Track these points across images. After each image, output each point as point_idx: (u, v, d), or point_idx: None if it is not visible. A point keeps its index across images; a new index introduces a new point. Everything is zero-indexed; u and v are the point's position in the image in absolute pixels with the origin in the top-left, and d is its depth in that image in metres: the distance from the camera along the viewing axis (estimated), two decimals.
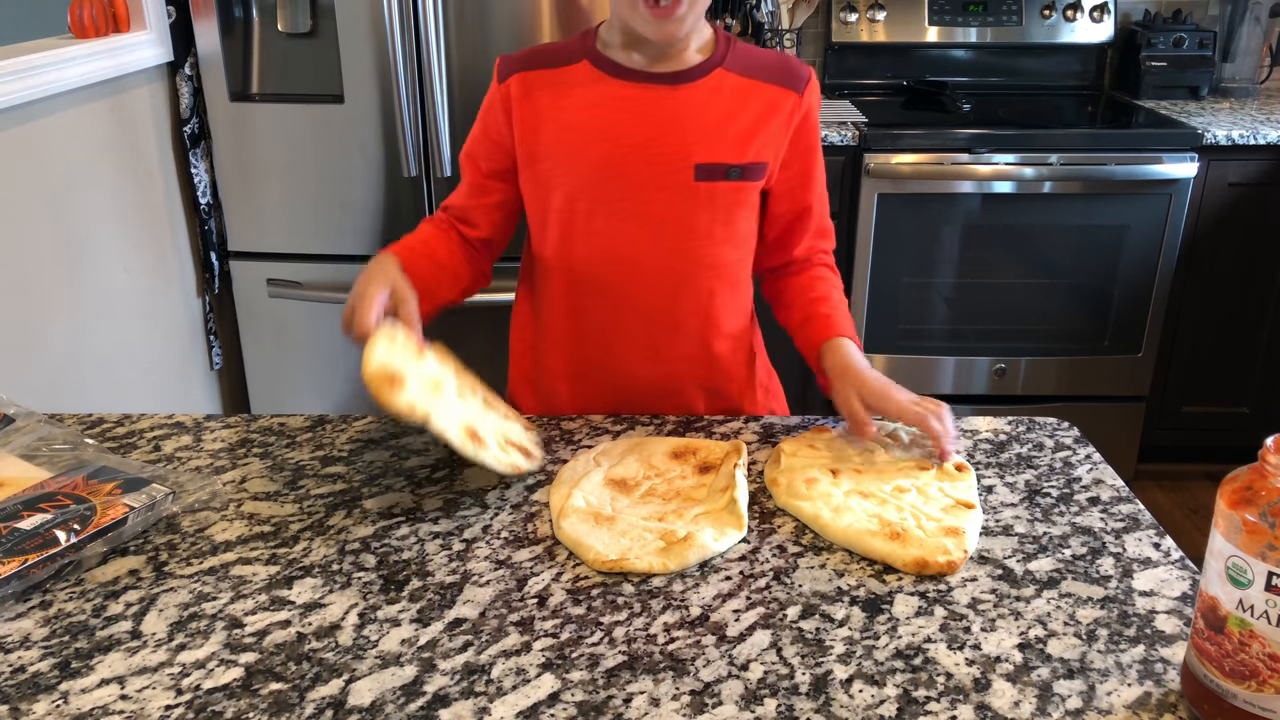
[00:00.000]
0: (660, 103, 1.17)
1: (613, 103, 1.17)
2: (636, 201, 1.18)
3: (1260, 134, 2.44)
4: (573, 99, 1.18)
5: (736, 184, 1.19)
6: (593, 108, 1.18)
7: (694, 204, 1.19)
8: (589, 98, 1.18)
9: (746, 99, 1.19)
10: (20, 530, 0.86)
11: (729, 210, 1.21)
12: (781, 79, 1.21)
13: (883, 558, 0.87)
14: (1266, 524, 0.64)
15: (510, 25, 2.21)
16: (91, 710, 0.72)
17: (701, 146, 1.17)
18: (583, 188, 1.19)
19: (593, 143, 1.18)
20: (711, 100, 1.18)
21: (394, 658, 0.77)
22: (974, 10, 2.91)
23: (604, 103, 1.18)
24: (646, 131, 1.17)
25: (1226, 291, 2.60)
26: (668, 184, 1.18)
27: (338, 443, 1.10)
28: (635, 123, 1.17)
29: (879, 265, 2.53)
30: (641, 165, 1.17)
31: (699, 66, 1.19)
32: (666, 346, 1.24)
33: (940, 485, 0.99)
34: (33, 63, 1.78)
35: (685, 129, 1.17)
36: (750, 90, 1.19)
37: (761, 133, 1.19)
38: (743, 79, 1.19)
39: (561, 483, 1.01)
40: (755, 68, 1.20)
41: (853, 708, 0.72)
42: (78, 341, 1.98)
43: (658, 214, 1.19)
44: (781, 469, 1.02)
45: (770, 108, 1.20)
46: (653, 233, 1.20)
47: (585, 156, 1.18)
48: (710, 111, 1.18)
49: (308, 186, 2.32)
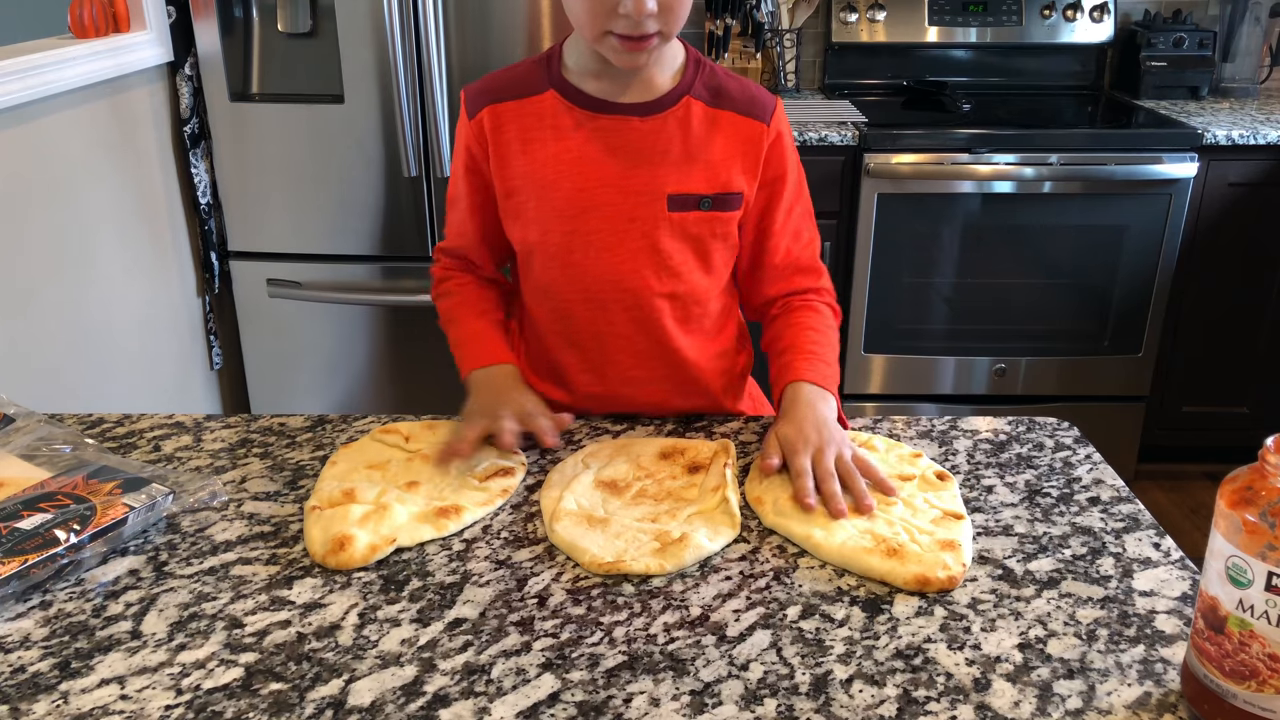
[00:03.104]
0: (630, 134, 1.16)
1: (583, 136, 1.16)
2: (611, 233, 1.18)
3: (1260, 134, 2.44)
4: (542, 132, 1.17)
5: (709, 214, 1.18)
6: (563, 141, 1.16)
7: (667, 234, 1.18)
8: (559, 131, 1.16)
9: (714, 129, 1.18)
10: (20, 530, 0.86)
11: (701, 240, 1.20)
12: (747, 109, 1.19)
13: (882, 576, 0.87)
14: (1266, 524, 0.64)
15: (510, 25, 2.21)
16: (91, 710, 0.72)
17: (673, 177, 1.16)
18: (557, 221, 1.18)
19: (564, 177, 1.16)
20: (681, 131, 1.17)
21: (394, 658, 0.77)
22: (974, 10, 2.92)
23: (574, 136, 1.16)
24: (618, 164, 1.16)
25: (1226, 291, 2.60)
26: (641, 215, 1.17)
27: (338, 443, 1.10)
28: (606, 156, 1.16)
29: (879, 265, 2.53)
30: (615, 196, 1.16)
31: (668, 95, 1.16)
32: (647, 372, 1.24)
33: (925, 496, 0.98)
34: (33, 63, 1.79)
35: (656, 160, 1.16)
36: (719, 119, 1.18)
37: (732, 163, 1.18)
38: (710, 109, 1.18)
39: (551, 485, 1.01)
40: (722, 97, 1.19)
41: (853, 708, 0.72)
42: (78, 341, 1.98)
43: (632, 245, 1.18)
44: (764, 487, 1.00)
45: (737, 137, 1.18)
46: (628, 263, 1.19)
47: (558, 191, 1.17)
48: (680, 142, 1.17)
49: (308, 186, 2.32)
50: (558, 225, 1.18)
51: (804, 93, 2.99)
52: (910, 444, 1.10)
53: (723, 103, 1.18)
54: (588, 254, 1.18)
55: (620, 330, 1.21)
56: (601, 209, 1.16)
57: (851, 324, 2.58)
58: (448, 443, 1.05)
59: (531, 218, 1.19)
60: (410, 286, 2.39)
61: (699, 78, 1.18)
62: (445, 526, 0.94)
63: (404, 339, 2.45)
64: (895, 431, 1.13)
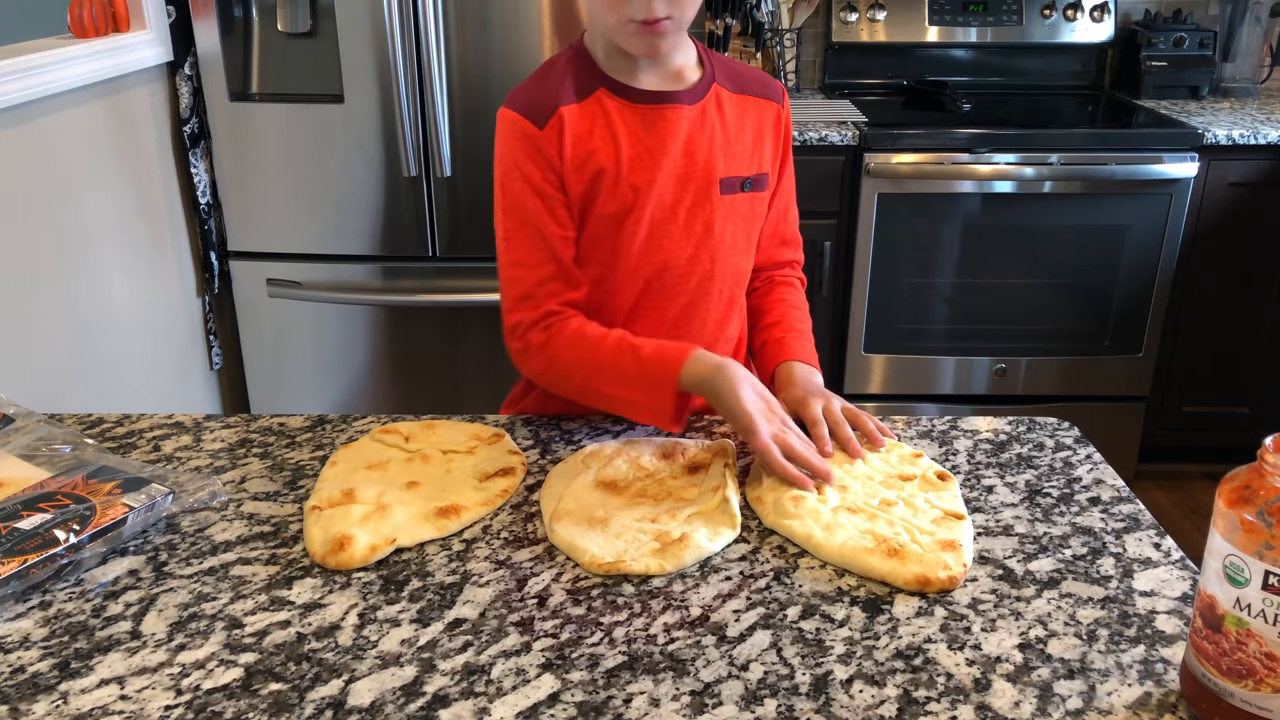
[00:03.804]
0: (682, 123, 1.20)
1: (641, 129, 1.18)
2: (669, 221, 1.20)
3: (1260, 134, 2.44)
4: (606, 130, 1.17)
5: (750, 195, 1.24)
6: (625, 136, 1.17)
7: (719, 217, 1.22)
8: (620, 127, 1.18)
9: (743, 113, 1.24)
10: (20, 530, 0.86)
11: (747, 221, 1.26)
12: (763, 91, 1.26)
13: (882, 576, 0.87)
14: (1264, 523, 0.64)
15: (510, 25, 2.21)
16: (91, 710, 0.72)
17: (722, 161, 1.21)
18: (626, 213, 1.19)
19: (631, 169, 1.18)
20: (719, 116, 1.22)
21: (394, 658, 0.77)
22: (974, 10, 2.91)
23: (634, 130, 1.18)
24: (675, 152, 1.19)
25: (1226, 291, 2.60)
26: (697, 200, 1.21)
27: (338, 443, 1.10)
28: (664, 145, 1.19)
29: (879, 265, 2.53)
30: (675, 185, 1.20)
31: (700, 83, 1.21)
32: None
33: (926, 496, 0.98)
34: (33, 63, 1.78)
35: (706, 146, 1.21)
36: (743, 105, 1.24)
37: (760, 145, 1.25)
38: (735, 94, 1.24)
39: (552, 485, 1.01)
40: (740, 81, 1.25)
41: (853, 708, 0.72)
42: (78, 341, 1.98)
43: (690, 231, 1.22)
44: (765, 487, 0.99)
45: (761, 119, 1.25)
46: (685, 247, 1.22)
47: (625, 184, 1.18)
48: (720, 128, 1.22)
49: (308, 186, 2.32)
50: (627, 216, 1.19)
51: (804, 92, 2.99)
52: (911, 444, 1.10)
53: (742, 87, 1.25)
54: (648, 239, 1.20)
55: (669, 315, 1.24)
56: (663, 198, 1.19)
57: (851, 324, 2.58)
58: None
59: (600, 212, 1.18)
60: (410, 286, 2.39)
61: (715, 67, 1.24)
62: (445, 526, 0.94)
63: (404, 339, 2.45)
64: (896, 431, 1.13)
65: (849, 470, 1.03)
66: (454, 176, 2.28)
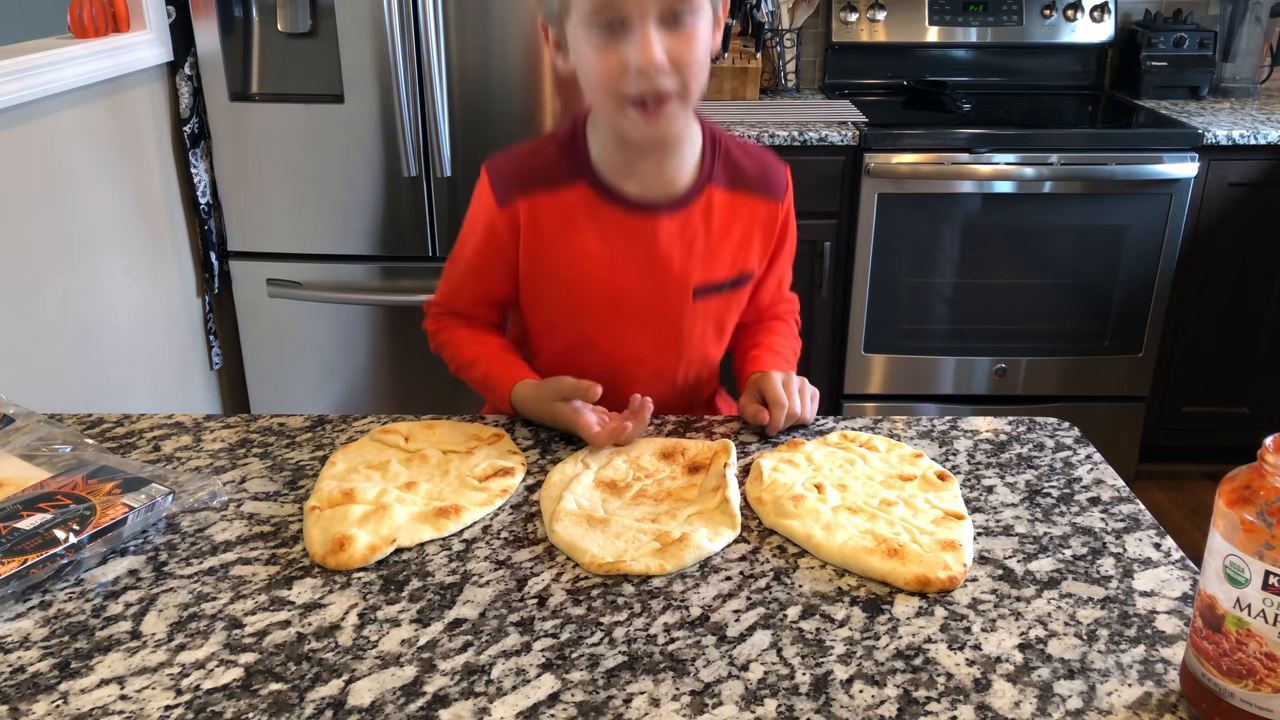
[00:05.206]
0: (659, 233, 1.18)
1: (615, 233, 1.17)
2: (638, 324, 1.22)
3: (1261, 134, 2.44)
4: (576, 226, 1.17)
5: (728, 294, 1.25)
6: (595, 236, 1.17)
7: (689, 319, 1.23)
8: (592, 226, 1.17)
9: (735, 214, 1.22)
10: (20, 530, 0.86)
11: (721, 316, 1.27)
12: (763, 189, 1.23)
13: (882, 576, 0.87)
14: (1264, 523, 0.64)
15: (510, 25, 2.21)
16: (91, 710, 0.72)
17: (699, 270, 1.20)
18: (584, 311, 1.21)
19: (596, 271, 1.18)
20: (704, 222, 1.20)
21: (394, 658, 0.77)
22: (974, 10, 2.91)
23: (607, 234, 1.17)
24: (648, 260, 1.19)
25: (1226, 291, 2.60)
26: (668, 306, 1.22)
27: (337, 443, 1.10)
28: (637, 252, 1.18)
29: (879, 265, 2.53)
30: (644, 290, 1.20)
31: (692, 189, 1.19)
32: None
33: (926, 496, 0.98)
34: (33, 63, 1.78)
35: (684, 254, 1.19)
36: (738, 204, 1.22)
37: (749, 245, 1.24)
38: (730, 193, 1.21)
39: (551, 485, 1.01)
40: (740, 178, 1.22)
41: (853, 708, 0.72)
42: (78, 341, 1.98)
43: (658, 331, 1.23)
44: (765, 487, 0.99)
45: (755, 220, 1.23)
46: (651, 346, 1.24)
47: (589, 284, 1.19)
48: (705, 235, 1.20)
49: (308, 186, 2.32)
50: (584, 315, 1.22)
51: (804, 93, 2.99)
52: (911, 444, 1.10)
53: (740, 185, 1.22)
54: (613, 340, 1.23)
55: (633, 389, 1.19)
56: (629, 301, 1.20)
57: (851, 324, 2.58)
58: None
59: (556, 305, 1.22)
60: (410, 286, 2.39)
61: (717, 160, 1.20)
62: (445, 526, 0.94)
63: (404, 339, 2.45)
64: (895, 431, 1.13)
65: (849, 470, 1.03)
66: (454, 176, 2.29)
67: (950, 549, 0.89)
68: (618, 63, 1.04)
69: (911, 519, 0.94)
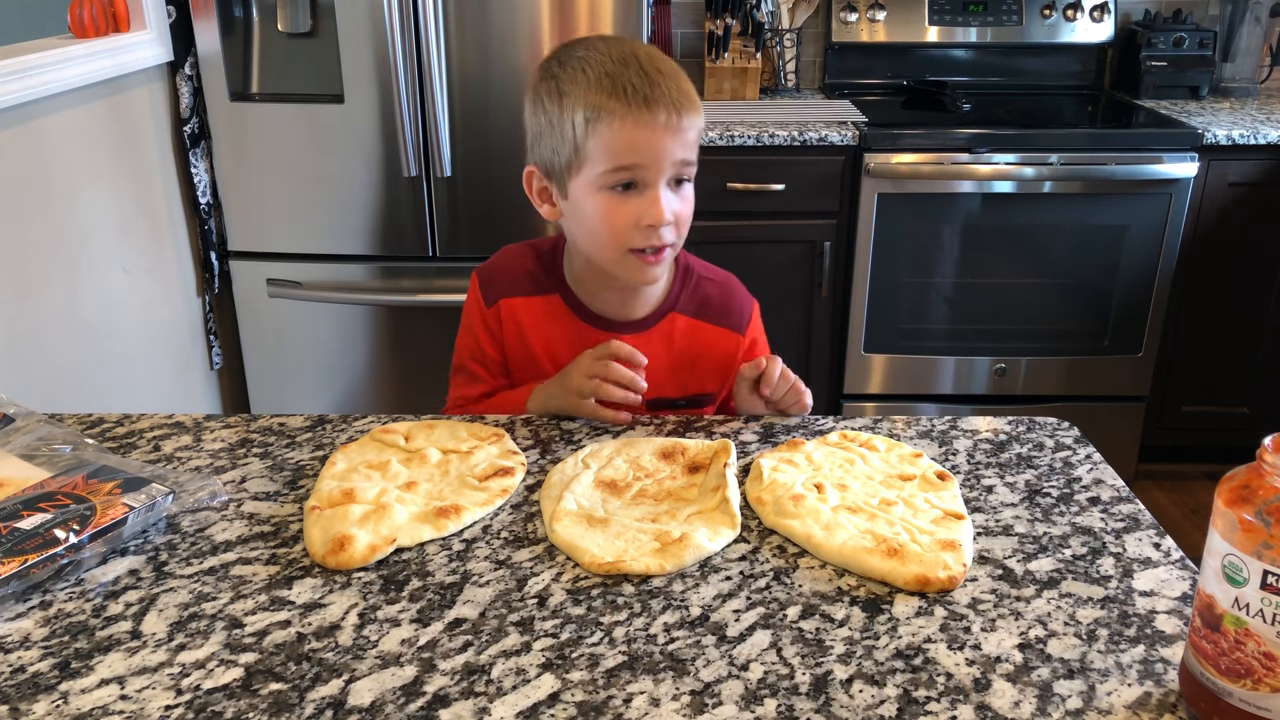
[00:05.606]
0: None
1: (581, 343, 1.22)
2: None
3: (1260, 134, 2.44)
4: (546, 330, 1.27)
5: (683, 410, 1.27)
6: (566, 345, 1.25)
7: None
8: (561, 336, 1.26)
9: (694, 341, 1.27)
10: (20, 530, 0.86)
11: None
12: (725, 321, 1.29)
13: (882, 576, 0.87)
14: (1262, 522, 0.64)
15: (510, 25, 2.21)
16: (91, 710, 0.72)
17: (652, 386, 1.21)
18: None
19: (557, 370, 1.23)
20: (664, 344, 1.26)
21: (394, 658, 0.78)
22: (974, 10, 2.92)
23: (572, 343, 1.24)
24: None
25: (1226, 291, 2.60)
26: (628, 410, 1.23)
27: (337, 443, 1.10)
28: None
29: (879, 265, 2.53)
30: None
31: (656, 312, 1.26)
32: None
33: (926, 496, 0.98)
34: (33, 63, 1.79)
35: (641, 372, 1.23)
36: (698, 333, 1.28)
37: (707, 375, 1.29)
38: (692, 320, 1.27)
39: (551, 485, 1.01)
40: (704, 308, 1.28)
41: (853, 708, 0.72)
42: (78, 341, 1.98)
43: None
44: (765, 486, 0.99)
45: (710, 350, 1.28)
46: None
47: None
48: (663, 355, 1.25)
49: (308, 186, 2.32)
50: None
51: (804, 93, 2.99)
52: (910, 444, 1.10)
53: (704, 315, 1.29)
54: None
55: None
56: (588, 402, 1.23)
57: (851, 324, 2.58)
58: None
59: None
60: (410, 286, 2.39)
61: (685, 289, 1.28)
62: (445, 526, 0.94)
63: (404, 339, 2.45)
64: (895, 431, 1.13)
65: (849, 470, 1.03)
66: (454, 176, 2.29)
67: (950, 549, 0.89)
68: (628, 219, 1.13)
69: (911, 519, 0.94)
